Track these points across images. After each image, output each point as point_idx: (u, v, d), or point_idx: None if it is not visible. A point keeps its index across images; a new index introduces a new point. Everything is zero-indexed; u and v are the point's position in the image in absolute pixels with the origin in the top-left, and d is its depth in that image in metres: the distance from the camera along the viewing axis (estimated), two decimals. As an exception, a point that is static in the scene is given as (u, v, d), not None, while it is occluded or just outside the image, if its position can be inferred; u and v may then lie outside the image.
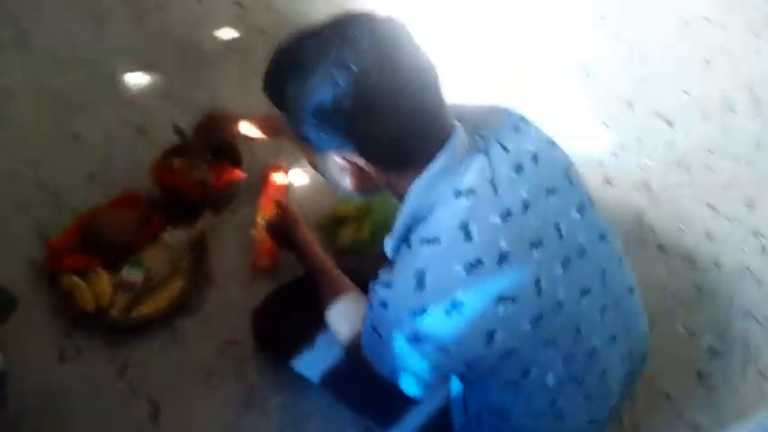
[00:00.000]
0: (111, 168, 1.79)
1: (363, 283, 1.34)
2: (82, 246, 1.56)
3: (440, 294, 0.88)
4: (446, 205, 0.91)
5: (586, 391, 1.04)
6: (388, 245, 0.99)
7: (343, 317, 1.20)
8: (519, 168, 0.94)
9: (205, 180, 1.65)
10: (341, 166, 0.94)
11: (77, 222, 1.59)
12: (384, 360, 1.00)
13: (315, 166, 1.02)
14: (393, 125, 0.87)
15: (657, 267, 1.71)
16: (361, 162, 0.92)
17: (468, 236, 0.88)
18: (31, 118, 1.89)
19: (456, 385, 1.16)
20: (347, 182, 0.97)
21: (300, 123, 0.90)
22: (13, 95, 1.94)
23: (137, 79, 2.03)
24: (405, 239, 0.94)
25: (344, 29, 0.87)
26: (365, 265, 1.50)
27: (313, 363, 1.32)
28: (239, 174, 1.70)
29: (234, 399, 1.41)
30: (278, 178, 1.77)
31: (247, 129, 1.60)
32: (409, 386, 1.01)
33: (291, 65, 0.89)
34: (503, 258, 0.89)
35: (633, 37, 2.30)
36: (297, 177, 1.81)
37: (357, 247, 1.66)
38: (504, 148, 0.95)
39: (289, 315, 1.36)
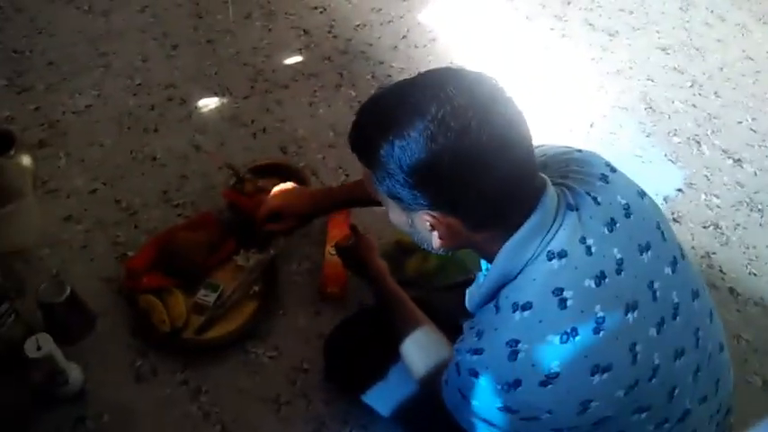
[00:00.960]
0: (185, 189, 1.84)
1: (426, 314, 1.36)
2: (157, 266, 1.60)
3: (534, 366, 0.85)
4: (538, 267, 0.88)
5: None
6: (473, 299, 0.98)
7: (418, 350, 1.20)
8: (611, 224, 0.91)
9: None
10: (430, 225, 0.91)
11: (154, 242, 1.63)
12: (466, 417, 0.98)
13: (400, 224, 0.98)
14: (490, 184, 0.84)
15: (729, 312, 1.67)
16: (452, 221, 0.89)
17: (562, 303, 0.86)
18: (111, 138, 1.96)
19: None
20: (434, 240, 0.93)
21: (392, 182, 0.87)
22: (96, 116, 2.01)
23: (208, 103, 2.09)
24: (492, 298, 0.92)
25: (441, 85, 0.84)
26: (429, 297, 1.52)
27: (384, 396, 1.31)
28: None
29: (303, 430, 1.42)
30: None
31: None
32: None
33: (385, 121, 0.86)
34: (598, 326, 0.86)
35: (698, 72, 2.29)
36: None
37: (422, 278, 1.66)
38: (596, 201, 0.93)
39: (360, 346, 1.35)
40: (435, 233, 0.92)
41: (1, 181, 1.60)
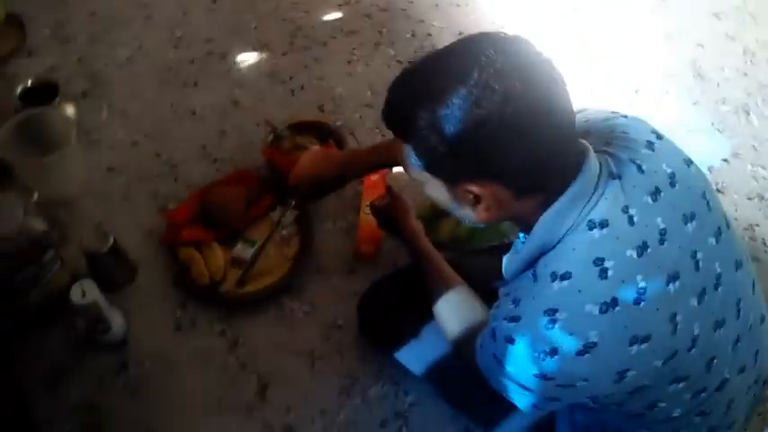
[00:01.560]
0: (224, 144, 1.85)
1: (460, 276, 1.36)
2: (197, 219, 1.62)
3: (572, 335, 0.85)
4: (579, 237, 0.86)
5: (711, 422, 1.01)
6: (510, 266, 0.97)
7: (452, 311, 1.20)
8: (656, 193, 0.89)
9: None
10: (474, 196, 0.88)
11: (194, 196, 1.65)
12: (499, 380, 0.98)
13: (439, 200, 0.95)
14: (534, 147, 0.82)
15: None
16: (497, 189, 0.86)
17: (602, 273, 0.84)
18: (152, 91, 1.97)
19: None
20: (475, 212, 0.91)
21: (433, 154, 0.85)
22: (137, 68, 2.02)
23: (248, 58, 2.08)
24: (530, 266, 0.91)
25: (479, 50, 0.82)
26: (463, 260, 1.52)
27: (417, 355, 1.33)
28: (346, 158, 1.73)
29: (337, 384, 1.45)
30: None
31: None
32: (521, 401, 0.98)
33: (424, 91, 0.83)
34: (639, 297, 0.84)
35: (750, 39, 2.20)
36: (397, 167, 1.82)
37: (454, 242, 1.66)
38: (640, 169, 0.90)
39: (394, 305, 1.36)
40: (480, 205, 0.89)
41: (45, 130, 1.62)
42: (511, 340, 0.90)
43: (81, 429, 1.37)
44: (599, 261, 0.85)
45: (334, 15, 2.23)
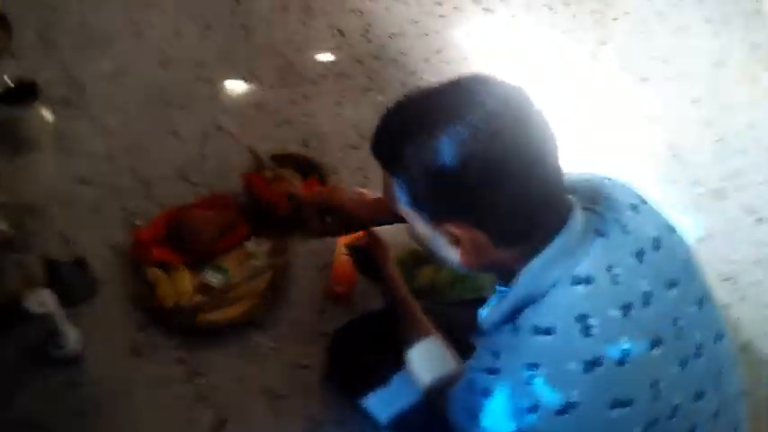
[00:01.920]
0: (203, 168, 1.81)
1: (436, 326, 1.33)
2: (167, 240, 1.56)
3: (554, 391, 0.82)
4: (562, 292, 0.84)
5: None
6: (490, 317, 0.93)
7: (425, 360, 1.17)
8: (640, 255, 0.88)
9: (295, 193, 1.65)
10: (453, 238, 0.86)
11: (166, 216, 1.60)
12: None
13: (419, 239, 0.93)
14: (519, 194, 0.81)
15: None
16: (477, 235, 0.84)
17: (586, 330, 0.82)
18: (135, 107, 1.92)
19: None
20: (457, 255, 0.88)
21: (417, 188, 0.84)
22: (122, 83, 1.98)
23: (236, 87, 2.06)
24: (511, 318, 0.88)
25: (472, 90, 0.82)
26: (439, 310, 1.49)
27: (384, 402, 1.29)
28: (327, 194, 1.70)
29: (298, 428, 1.39)
30: None
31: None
32: None
33: (413, 124, 0.82)
34: (623, 358, 0.82)
35: (727, 126, 2.29)
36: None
37: (434, 290, 1.63)
38: (625, 230, 0.89)
39: (367, 347, 1.33)
40: (459, 248, 0.87)
41: (20, 131, 1.56)
42: (488, 393, 0.87)
43: (22, 447, 1.27)
44: (582, 317, 0.83)
45: (327, 57, 2.24)
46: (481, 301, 1.03)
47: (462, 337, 1.37)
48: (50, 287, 1.31)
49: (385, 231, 1.59)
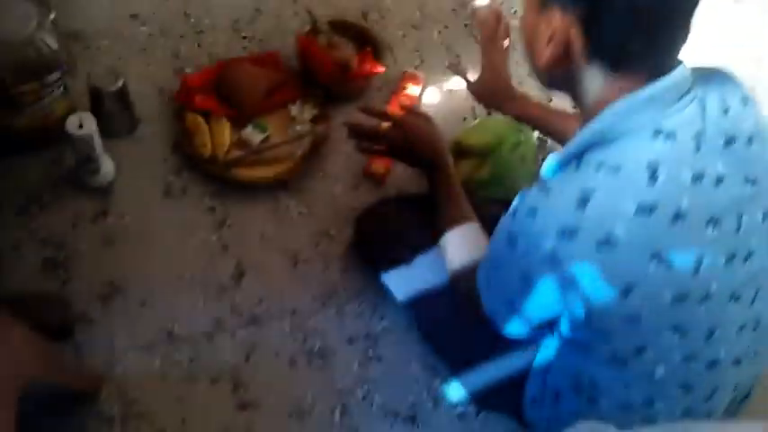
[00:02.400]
0: (257, 23, 1.75)
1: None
2: (213, 90, 1.54)
3: (599, 222, 0.80)
4: (640, 139, 0.82)
5: (690, 401, 0.96)
6: (552, 162, 0.90)
7: (462, 243, 1.16)
8: (730, 141, 0.85)
9: (348, 63, 1.60)
10: (552, 30, 0.83)
11: (216, 66, 1.56)
12: (498, 287, 0.95)
13: (524, 28, 0.92)
14: (635, 10, 0.78)
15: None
16: (574, 37, 0.82)
17: (652, 178, 0.80)
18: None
19: (543, 354, 1.10)
20: (545, 53, 0.86)
21: None
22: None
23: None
24: (577, 157, 0.85)
25: None
26: (476, 207, 1.46)
27: (404, 281, 1.28)
28: (380, 67, 1.65)
29: (314, 291, 1.39)
30: (411, 89, 1.71)
31: None
32: (511, 325, 0.96)
33: None
34: (676, 218, 0.80)
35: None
36: (429, 95, 1.74)
37: (473, 185, 1.59)
38: (725, 113, 0.86)
39: (394, 227, 1.31)
40: (552, 45, 0.84)
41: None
42: (533, 212, 0.85)
43: (44, 264, 1.31)
44: (652, 166, 0.80)
45: None
46: (508, 203, 1.00)
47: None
48: (92, 113, 1.30)
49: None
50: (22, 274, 1.29)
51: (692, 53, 0.90)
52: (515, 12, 1.96)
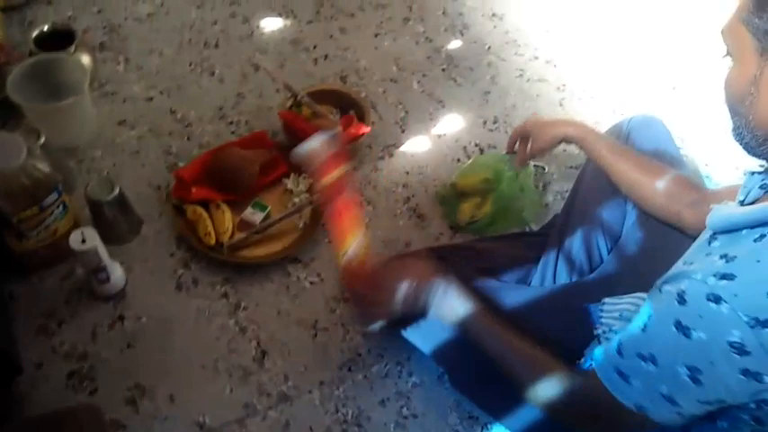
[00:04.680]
0: (241, 107, 1.80)
1: (481, 260, 1.29)
2: (207, 179, 1.57)
3: None
4: None
5: None
6: (726, 216, 0.81)
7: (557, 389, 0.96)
8: None
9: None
10: None
11: (206, 155, 1.60)
12: (648, 382, 0.81)
13: (737, 85, 0.81)
14: None
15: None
16: None
17: None
18: (171, 48, 1.92)
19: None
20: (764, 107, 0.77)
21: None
22: (158, 25, 1.98)
23: (271, 24, 2.03)
24: (757, 226, 0.75)
25: None
26: (481, 245, 1.45)
27: (425, 333, 1.25)
28: (365, 128, 1.67)
29: (338, 359, 1.39)
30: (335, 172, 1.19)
31: None
32: (663, 414, 0.82)
33: None
34: None
35: None
36: (418, 144, 1.76)
37: (474, 225, 1.60)
38: None
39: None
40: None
41: (59, 76, 1.57)
42: (716, 299, 0.73)
43: (69, 377, 1.31)
44: None
45: (364, -12, 2.17)
46: (519, 235, 0.94)
47: (508, 271, 1.34)
48: (95, 227, 1.32)
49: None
50: (50, 390, 1.30)
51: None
52: (489, 48, 2.01)
